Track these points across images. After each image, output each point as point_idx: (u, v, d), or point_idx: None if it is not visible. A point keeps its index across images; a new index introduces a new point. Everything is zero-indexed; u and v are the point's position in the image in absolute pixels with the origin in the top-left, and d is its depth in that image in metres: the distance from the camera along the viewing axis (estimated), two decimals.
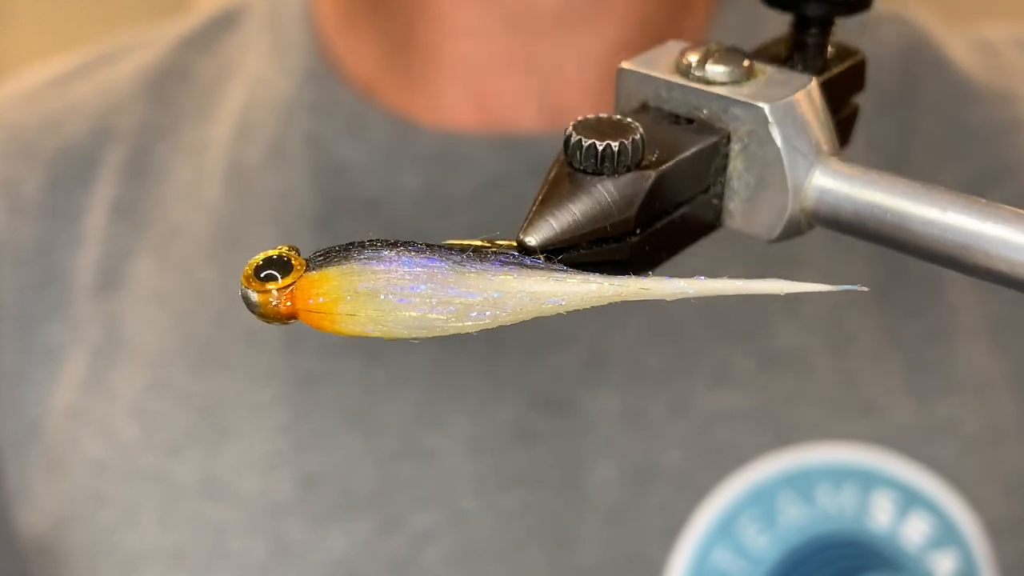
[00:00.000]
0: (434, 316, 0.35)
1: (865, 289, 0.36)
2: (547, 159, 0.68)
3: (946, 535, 0.65)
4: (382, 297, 0.34)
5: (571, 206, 0.36)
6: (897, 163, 0.70)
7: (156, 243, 0.70)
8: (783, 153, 0.38)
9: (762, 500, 0.64)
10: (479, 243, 0.36)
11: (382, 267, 0.34)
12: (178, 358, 0.68)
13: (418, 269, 0.34)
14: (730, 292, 0.35)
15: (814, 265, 0.68)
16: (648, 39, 0.67)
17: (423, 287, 0.34)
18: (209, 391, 0.67)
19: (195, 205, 0.71)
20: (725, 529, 0.64)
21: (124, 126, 0.73)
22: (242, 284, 0.35)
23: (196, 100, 0.74)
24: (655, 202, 0.38)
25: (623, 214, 0.37)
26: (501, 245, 0.36)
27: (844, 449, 0.65)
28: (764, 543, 0.64)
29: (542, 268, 0.35)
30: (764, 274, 0.67)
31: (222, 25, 0.77)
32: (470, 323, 0.35)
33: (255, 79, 0.73)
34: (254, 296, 0.35)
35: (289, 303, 0.35)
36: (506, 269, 0.35)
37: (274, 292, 0.34)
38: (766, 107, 0.38)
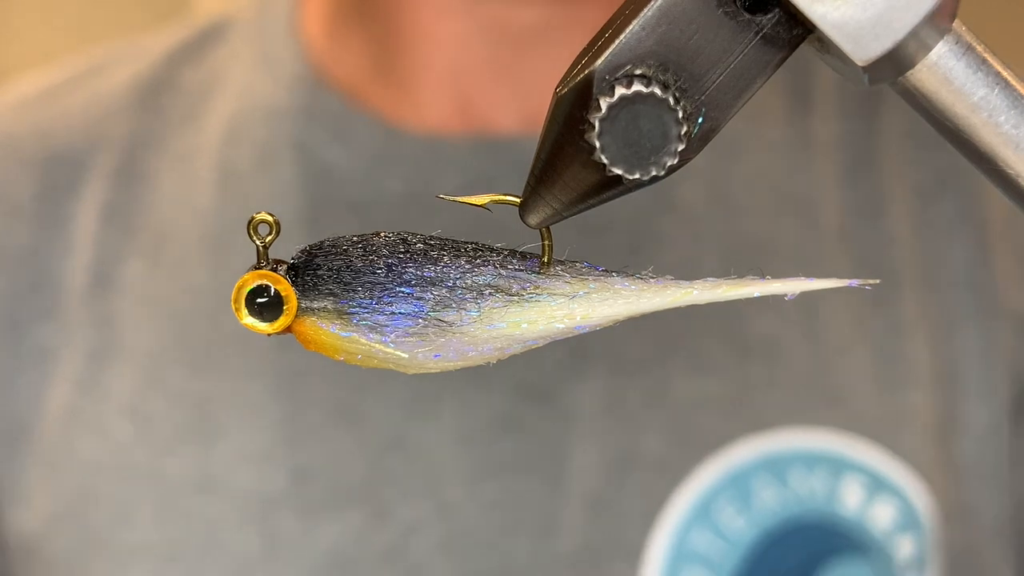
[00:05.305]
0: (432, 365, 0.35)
1: (877, 281, 0.34)
2: (528, 160, 0.68)
3: (909, 520, 0.64)
4: (378, 358, 0.34)
5: (583, 194, 0.32)
6: (864, 161, 0.70)
7: (147, 247, 0.69)
8: None
9: (738, 483, 0.63)
10: (481, 202, 0.34)
11: (377, 337, 0.34)
12: (171, 358, 0.66)
13: (409, 333, 0.34)
14: (753, 294, 0.33)
15: (787, 254, 0.67)
16: None
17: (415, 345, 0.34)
18: (201, 389, 0.66)
19: (185, 210, 0.69)
20: (703, 512, 0.63)
21: (114, 135, 0.72)
22: (235, 316, 0.34)
23: (184, 109, 0.72)
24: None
25: (645, 184, 0.32)
26: (507, 200, 0.34)
27: (816, 435, 0.64)
28: (741, 525, 0.63)
29: (538, 297, 0.34)
30: (738, 264, 0.67)
31: (210, 37, 0.75)
32: (465, 362, 0.34)
33: (243, 88, 0.72)
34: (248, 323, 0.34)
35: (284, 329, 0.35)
36: (496, 309, 0.33)
37: (269, 329, 0.34)
38: None
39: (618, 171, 0.31)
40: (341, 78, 0.70)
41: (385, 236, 0.35)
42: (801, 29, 0.32)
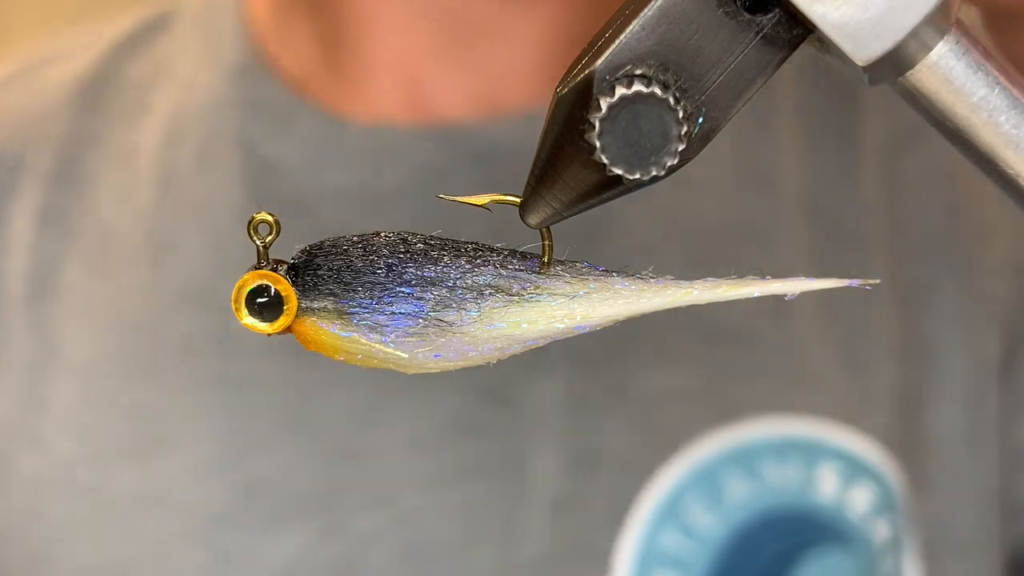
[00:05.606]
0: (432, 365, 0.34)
1: (877, 281, 0.34)
2: (480, 148, 0.64)
3: (886, 502, 0.63)
4: (378, 358, 0.34)
5: (583, 194, 0.32)
6: (831, 123, 0.68)
7: (87, 251, 0.66)
8: None
9: (706, 479, 0.62)
10: (481, 202, 0.34)
11: (377, 337, 0.34)
12: (112, 368, 0.64)
13: (409, 333, 0.33)
14: (754, 294, 0.33)
15: (750, 233, 0.66)
16: (576, 35, 0.65)
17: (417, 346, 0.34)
18: (144, 401, 0.63)
19: (126, 211, 0.66)
20: (671, 511, 0.62)
21: (53, 134, 0.69)
22: (235, 316, 0.34)
23: (127, 105, 0.69)
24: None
25: (645, 184, 0.32)
26: (507, 200, 0.34)
27: (788, 422, 0.63)
28: (710, 522, 0.62)
29: (539, 297, 0.34)
30: (701, 246, 0.64)
31: (155, 27, 0.72)
32: (465, 362, 0.34)
33: (187, 81, 0.69)
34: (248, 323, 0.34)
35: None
36: (496, 309, 0.33)
37: (269, 329, 0.34)
38: None
39: (618, 171, 0.31)
40: (287, 67, 0.68)
41: (385, 236, 0.35)
42: (801, 29, 0.32)
